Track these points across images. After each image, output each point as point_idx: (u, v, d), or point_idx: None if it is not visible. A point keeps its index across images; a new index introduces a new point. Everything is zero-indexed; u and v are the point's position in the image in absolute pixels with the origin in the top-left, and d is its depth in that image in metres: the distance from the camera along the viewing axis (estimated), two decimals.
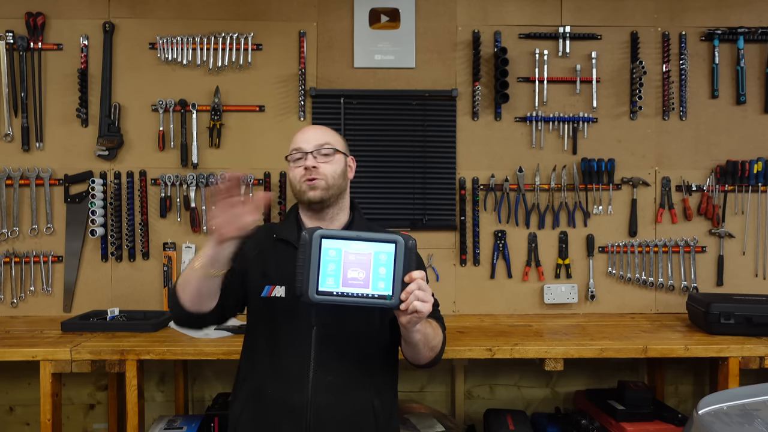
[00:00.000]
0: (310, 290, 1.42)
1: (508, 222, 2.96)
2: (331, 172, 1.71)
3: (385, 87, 2.95)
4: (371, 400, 1.66)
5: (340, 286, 1.43)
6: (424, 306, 1.43)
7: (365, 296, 1.43)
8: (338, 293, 1.43)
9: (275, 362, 1.65)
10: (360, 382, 1.65)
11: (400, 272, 1.42)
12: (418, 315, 1.44)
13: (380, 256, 1.43)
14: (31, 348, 2.27)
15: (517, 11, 2.98)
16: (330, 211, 1.74)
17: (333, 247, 1.43)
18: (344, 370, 1.64)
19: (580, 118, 2.96)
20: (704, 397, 1.68)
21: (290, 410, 1.61)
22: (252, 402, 1.67)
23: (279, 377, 1.63)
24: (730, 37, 2.97)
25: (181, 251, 2.90)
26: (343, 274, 1.43)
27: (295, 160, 1.73)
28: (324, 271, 1.43)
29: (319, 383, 1.61)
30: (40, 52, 2.89)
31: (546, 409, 3.02)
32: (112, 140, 2.89)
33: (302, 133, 1.78)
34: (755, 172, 2.94)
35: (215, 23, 2.93)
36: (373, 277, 1.43)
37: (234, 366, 2.93)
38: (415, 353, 1.61)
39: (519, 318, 2.86)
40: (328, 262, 1.43)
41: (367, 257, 1.43)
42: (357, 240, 1.44)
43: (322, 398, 1.61)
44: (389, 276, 1.42)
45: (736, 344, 2.33)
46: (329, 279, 1.43)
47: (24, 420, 2.97)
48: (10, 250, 2.88)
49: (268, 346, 1.67)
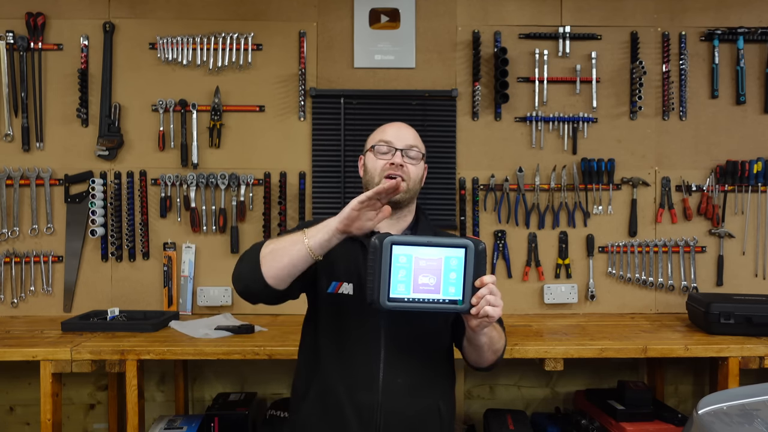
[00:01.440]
0: (381, 297, 1.42)
1: (508, 222, 2.97)
2: (414, 175, 1.70)
3: (385, 87, 2.95)
4: (437, 403, 1.65)
5: (411, 292, 1.43)
6: (495, 311, 1.43)
7: (436, 302, 1.43)
8: (409, 299, 1.43)
9: (343, 361, 1.62)
10: (428, 385, 1.65)
11: (471, 277, 1.42)
12: (489, 319, 1.44)
13: (451, 261, 1.43)
14: (32, 348, 2.27)
15: (517, 11, 2.98)
16: (400, 212, 1.71)
17: (403, 253, 1.42)
18: (414, 372, 1.62)
19: (580, 118, 2.96)
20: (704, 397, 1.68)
21: (360, 411, 1.59)
22: (320, 402, 1.63)
23: (348, 377, 1.61)
24: (730, 37, 2.97)
25: (181, 251, 2.90)
26: (414, 280, 1.43)
27: (382, 153, 1.70)
28: (395, 278, 1.42)
29: (389, 385, 1.59)
30: (41, 52, 2.90)
31: (546, 409, 3.02)
32: (112, 140, 2.89)
33: (394, 127, 1.75)
34: (755, 172, 2.94)
35: (215, 23, 2.93)
36: (443, 282, 1.43)
37: (234, 366, 2.96)
38: (479, 356, 1.62)
39: (519, 318, 2.86)
40: (399, 269, 1.42)
41: (437, 262, 1.43)
42: (427, 246, 1.43)
43: (392, 400, 1.59)
44: (459, 281, 1.43)
45: (735, 344, 2.33)
46: (400, 285, 1.43)
47: (24, 420, 2.97)
48: (10, 250, 2.88)
49: (335, 345, 1.63)
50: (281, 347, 2.28)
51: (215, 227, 2.91)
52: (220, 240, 2.92)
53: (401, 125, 1.77)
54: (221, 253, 2.92)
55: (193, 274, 2.91)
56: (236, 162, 2.93)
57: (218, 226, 2.90)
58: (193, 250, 2.90)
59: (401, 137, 1.71)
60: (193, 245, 2.90)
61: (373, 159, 1.71)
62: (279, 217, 2.90)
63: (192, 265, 2.90)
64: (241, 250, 2.91)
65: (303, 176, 2.93)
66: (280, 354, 2.27)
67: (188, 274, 2.89)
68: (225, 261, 2.92)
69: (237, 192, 2.91)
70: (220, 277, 2.91)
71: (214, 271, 2.92)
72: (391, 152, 1.69)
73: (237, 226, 2.91)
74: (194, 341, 2.37)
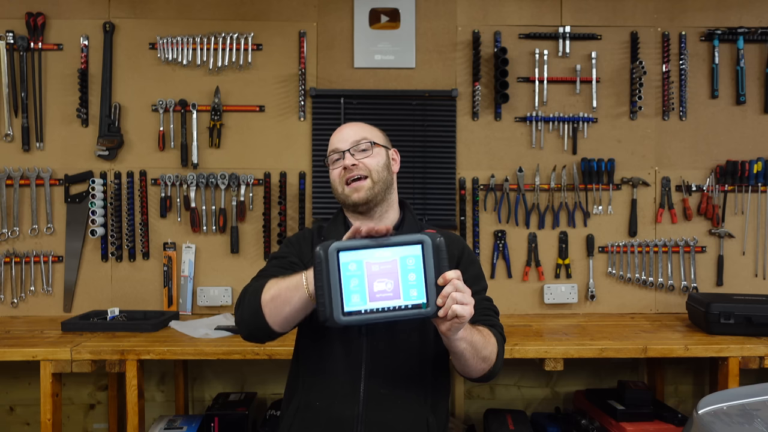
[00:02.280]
0: (335, 312, 1.25)
1: (508, 222, 2.97)
2: (374, 165, 1.60)
3: (385, 87, 2.95)
4: (426, 416, 1.54)
5: (368, 302, 1.27)
6: (465, 309, 1.27)
7: (398, 308, 1.27)
8: (367, 310, 1.26)
9: (324, 374, 1.54)
10: (415, 397, 1.54)
11: (432, 275, 1.27)
12: (459, 320, 1.28)
13: (407, 260, 1.27)
14: (32, 348, 2.27)
15: (517, 11, 2.98)
16: (378, 209, 1.62)
17: (352, 259, 1.26)
18: (398, 383, 1.52)
19: (580, 118, 2.96)
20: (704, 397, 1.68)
21: (340, 424, 1.50)
22: (300, 416, 1.56)
23: (327, 388, 1.53)
24: (730, 37, 2.97)
25: (181, 251, 2.90)
26: (369, 288, 1.27)
27: (334, 161, 1.63)
28: (347, 288, 1.26)
29: (372, 397, 1.50)
30: (41, 52, 2.90)
31: (546, 409, 3.02)
32: (112, 140, 2.89)
33: (337, 132, 1.67)
34: (755, 172, 2.94)
35: (215, 23, 2.93)
36: (403, 286, 1.27)
37: (234, 366, 2.96)
38: (463, 365, 1.46)
39: (519, 318, 2.86)
40: (350, 277, 1.26)
41: (392, 265, 1.27)
42: (378, 247, 1.27)
43: (374, 413, 1.50)
44: (420, 281, 1.27)
45: (735, 344, 2.33)
46: (354, 296, 1.26)
47: (24, 420, 2.97)
48: (10, 250, 2.88)
49: (316, 357, 1.56)
50: (281, 347, 2.27)
51: (215, 227, 2.91)
52: (220, 240, 2.92)
53: (345, 126, 1.69)
54: (221, 253, 2.92)
55: (193, 274, 2.91)
56: (236, 162, 2.93)
57: (218, 226, 2.90)
58: (193, 250, 2.90)
59: (344, 138, 1.64)
60: (193, 245, 2.90)
61: (331, 172, 1.65)
62: (279, 217, 2.90)
63: (192, 265, 2.90)
64: (241, 250, 2.91)
65: (303, 176, 2.93)
66: (280, 354, 2.27)
67: (188, 274, 2.89)
68: (225, 261, 2.92)
69: (237, 192, 2.91)
70: (220, 277, 2.92)
71: (214, 271, 2.92)
72: (341, 157, 1.61)
73: (237, 226, 2.91)
74: (194, 341, 2.37)
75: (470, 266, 1.65)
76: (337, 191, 1.64)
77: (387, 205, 1.64)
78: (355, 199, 1.59)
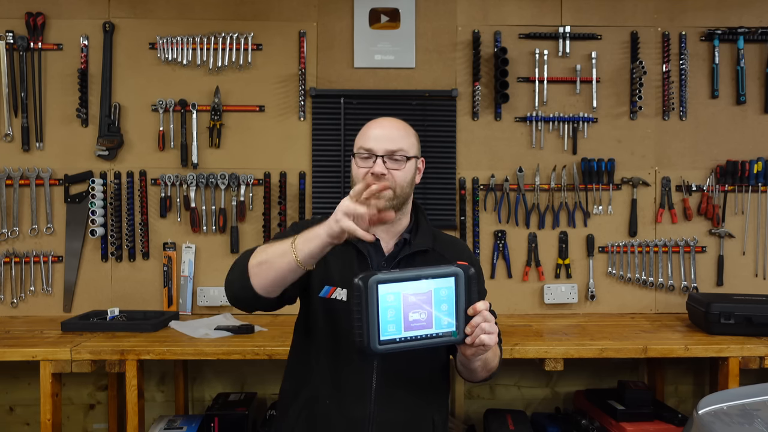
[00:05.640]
0: (371, 342, 1.31)
1: (508, 222, 2.96)
2: (401, 180, 1.57)
3: (385, 87, 2.95)
4: (432, 415, 1.60)
5: (403, 332, 1.33)
6: (491, 338, 1.36)
7: (430, 336, 1.35)
8: (401, 339, 1.33)
9: (335, 370, 1.55)
10: (423, 397, 1.59)
11: (463, 305, 1.35)
12: (485, 348, 1.37)
13: (441, 291, 1.34)
14: (31, 348, 2.27)
15: (517, 11, 2.98)
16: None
17: (391, 291, 1.32)
18: (409, 385, 1.56)
19: (580, 118, 2.96)
20: (704, 397, 1.68)
21: (349, 423, 1.52)
22: (308, 410, 1.57)
23: (339, 387, 1.54)
24: (730, 37, 2.96)
25: (181, 251, 2.90)
26: (404, 318, 1.33)
27: (363, 158, 1.58)
28: (384, 319, 1.32)
29: (383, 396, 1.53)
30: (40, 52, 2.89)
31: (546, 409, 3.01)
32: (112, 140, 2.89)
33: (374, 127, 1.60)
34: (755, 172, 2.94)
35: (215, 23, 2.93)
36: (435, 316, 1.35)
37: (234, 366, 2.96)
38: (471, 375, 1.56)
39: (519, 318, 2.86)
40: (387, 308, 1.32)
41: (427, 296, 1.34)
42: (415, 280, 1.33)
43: (384, 412, 1.53)
44: (452, 311, 1.35)
45: (736, 344, 2.33)
46: (390, 326, 1.32)
47: (24, 420, 2.97)
48: (10, 250, 2.88)
49: (327, 352, 1.56)
50: (281, 347, 2.27)
51: (215, 227, 2.91)
52: (220, 240, 2.92)
53: (384, 125, 1.61)
54: (221, 253, 2.92)
55: (193, 274, 2.91)
56: (236, 162, 2.93)
57: (218, 226, 2.90)
58: (193, 250, 2.90)
59: (382, 140, 1.56)
60: (193, 245, 2.90)
61: (355, 166, 1.60)
62: (279, 217, 2.90)
63: (192, 265, 2.90)
64: (241, 250, 2.90)
65: (303, 176, 2.93)
66: (279, 354, 2.27)
67: (188, 274, 2.89)
68: (225, 261, 2.91)
69: (237, 192, 2.91)
70: (220, 277, 2.87)
71: (214, 271, 2.91)
72: (372, 159, 1.56)
73: (237, 226, 2.91)
74: (194, 341, 2.37)
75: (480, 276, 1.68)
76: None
77: (402, 213, 1.63)
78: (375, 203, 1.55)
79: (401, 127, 1.62)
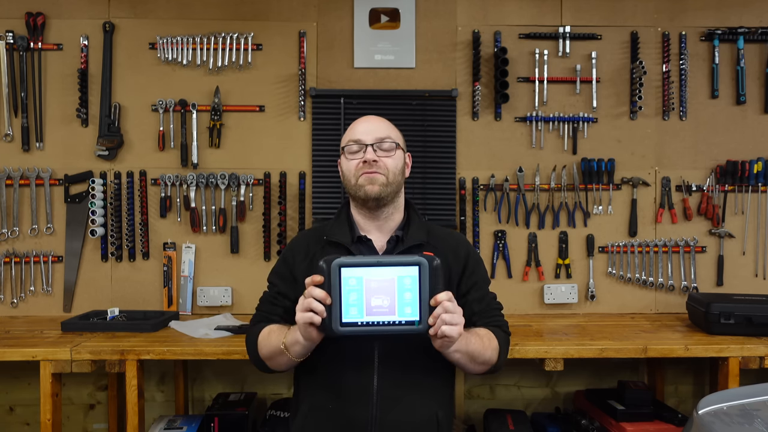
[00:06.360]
0: (333, 322, 1.37)
1: (508, 222, 2.96)
2: (392, 167, 1.61)
3: (385, 87, 2.95)
4: (435, 413, 1.59)
5: (365, 316, 1.38)
6: (453, 329, 1.36)
7: (392, 324, 1.38)
8: (363, 323, 1.38)
9: (336, 376, 1.57)
10: (426, 395, 1.59)
11: (427, 296, 1.37)
12: (448, 339, 1.38)
13: (404, 280, 1.38)
14: (31, 348, 2.27)
15: (517, 11, 2.98)
16: (386, 210, 1.63)
17: (353, 275, 1.37)
18: (411, 383, 1.57)
19: (580, 118, 2.96)
20: (704, 397, 1.68)
21: (353, 426, 1.53)
22: (313, 419, 1.58)
23: (340, 390, 1.56)
24: (730, 37, 2.96)
25: (181, 251, 2.90)
26: (366, 303, 1.38)
27: (352, 152, 1.61)
28: (346, 301, 1.37)
29: (384, 398, 1.54)
30: (40, 52, 2.89)
31: (546, 409, 3.02)
32: (112, 140, 2.89)
33: (360, 123, 1.65)
34: (755, 172, 2.94)
35: (215, 23, 2.93)
36: (398, 303, 1.38)
37: (234, 366, 2.96)
38: (461, 368, 1.58)
39: (519, 318, 2.86)
40: (350, 292, 1.37)
41: (390, 283, 1.38)
42: (378, 266, 1.38)
43: (387, 413, 1.54)
44: (415, 300, 1.38)
45: (736, 344, 2.32)
46: (352, 309, 1.38)
47: (24, 420, 2.97)
48: (10, 250, 2.88)
49: (327, 360, 1.58)
50: None
51: (215, 227, 2.91)
52: (220, 240, 2.92)
53: (369, 119, 1.67)
54: (221, 253, 2.92)
55: (193, 274, 2.91)
56: (236, 162, 2.93)
57: (218, 226, 2.90)
58: (193, 250, 2.90)
59: (370, 131, 1.62)
60: (193, 245, 2.90)
61: (346, 161, 1.63)
62: (279, 217, 2.90)
63: (192, 265, 2.90)
64: (241, 250, 2.91)
65: (303, 176, 2.93)
66: None
67: (188, 274, 2.89)
68: (225, 261, 2.92)
69: (237, 192, 2.91)
70: (220, 277, 2.92)
71: (214, 271, 2.92)
72: (362, 149, 1.60)
73: (237, 226, 2.91)
74: (194, 341, 2.37)
75: (477, 267, 1.71)
76: (350, 183, 1.63)
77: (394, 208, 1.65)
78: (369, 190, 1.59)
79: (385, 121, 1.69)
